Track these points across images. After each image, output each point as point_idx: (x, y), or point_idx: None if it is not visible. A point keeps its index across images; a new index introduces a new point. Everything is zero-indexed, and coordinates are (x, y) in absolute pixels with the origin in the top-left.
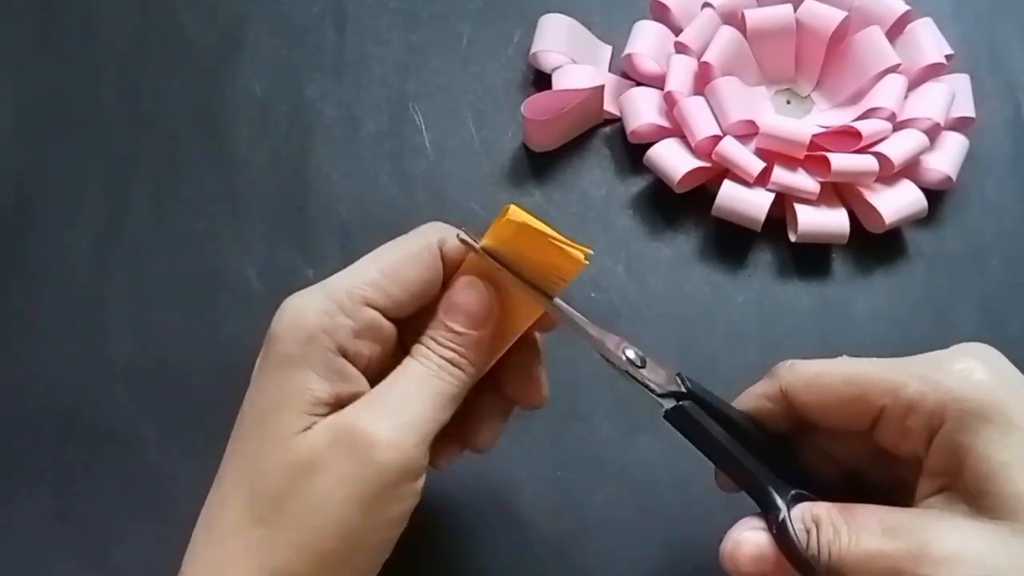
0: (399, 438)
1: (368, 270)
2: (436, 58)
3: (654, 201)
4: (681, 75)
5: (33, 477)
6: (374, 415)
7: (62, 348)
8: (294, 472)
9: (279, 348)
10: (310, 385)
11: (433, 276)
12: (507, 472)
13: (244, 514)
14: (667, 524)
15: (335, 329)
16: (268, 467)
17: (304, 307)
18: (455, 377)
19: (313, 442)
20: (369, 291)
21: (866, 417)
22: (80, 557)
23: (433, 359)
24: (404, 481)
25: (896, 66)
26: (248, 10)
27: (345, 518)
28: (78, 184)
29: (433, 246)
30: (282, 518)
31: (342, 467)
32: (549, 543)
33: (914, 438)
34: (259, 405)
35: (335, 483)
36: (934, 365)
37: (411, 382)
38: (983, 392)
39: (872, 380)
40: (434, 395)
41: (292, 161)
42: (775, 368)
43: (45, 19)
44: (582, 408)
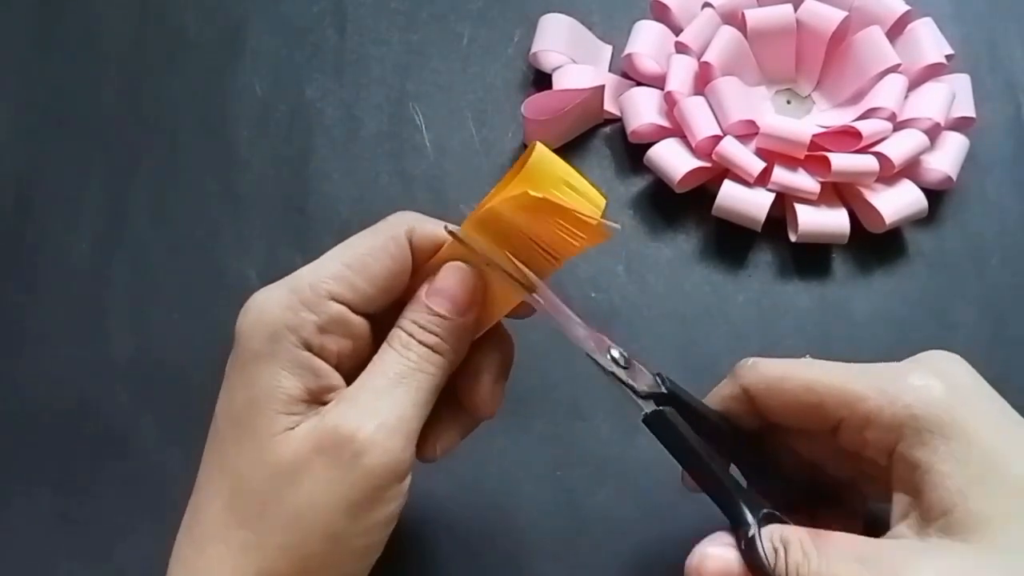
0: (385, 440)
1: (333, 263)
2: (436, 58)
3: (654, 201)
4: (681, 75)
5: (33, 477)
6: (358, 417)
7: (62, 348)
8: (277, 475)
9: (244, 345)
10: (280, 383)
11: (400, 268)
12: (507, 472)
13: (225, 517)
14: (667, 524)
15: (299, 325)
16: (249, 470)
17: (267, 303)
18: (436, 367)
19: (296, 445)
20: (333, 285)
21: (826, 424)
22: (80, 557)
23: (414, 348)
24: (391, 483)
25: (896, 66)
26: (248, 10)
27: (331, 522)
28: (78, 184)
29: (400, 237)
30: (265, 521)
31: (328, 472)
32: (549, 543)
33: (872, 449)
34: (233, 406)
35: (321, 488)
36: (894, 377)
37: (393, 378)
38: (941, 409)
39: (831, 390)
40: (417, 390)
41: (292, 161)
42: (736, 367)
43: (45, 19)
44: (582, 408)
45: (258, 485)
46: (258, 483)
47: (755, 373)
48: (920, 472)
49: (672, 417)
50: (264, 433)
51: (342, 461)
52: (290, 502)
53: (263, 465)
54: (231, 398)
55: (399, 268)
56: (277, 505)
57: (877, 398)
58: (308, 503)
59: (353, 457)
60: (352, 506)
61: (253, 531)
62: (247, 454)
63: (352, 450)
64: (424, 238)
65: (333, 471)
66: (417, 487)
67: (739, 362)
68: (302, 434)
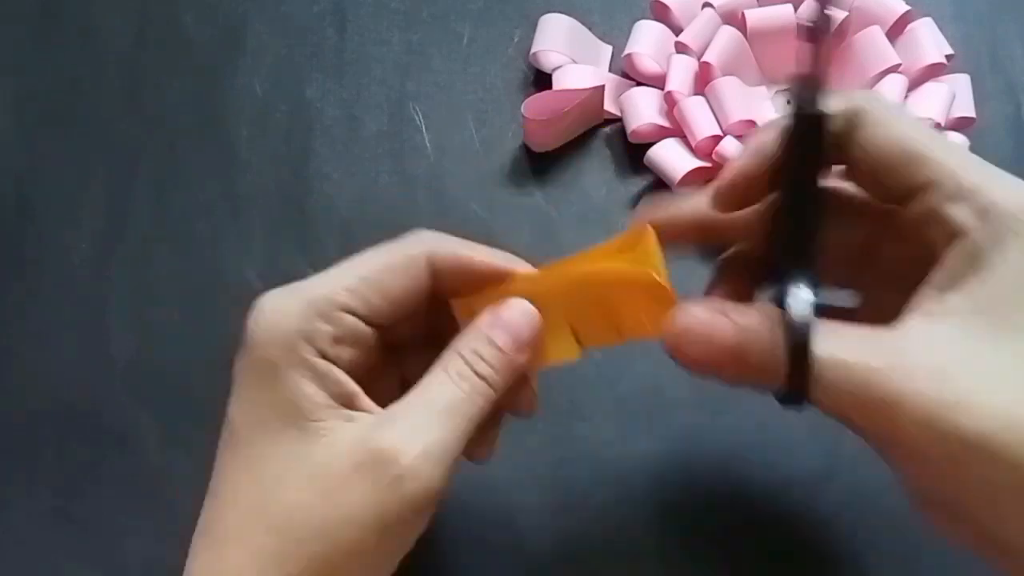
0: (428, 468)
1: (349, 276)
2: (436, 58)
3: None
4: (681, 75)
5: (33, 477)
6: (404, 441)
7: (62, 348)
8: (313, 486)
9: (261, 354)
10: (304, 390)
11: (417, 287)
12: (507, 472)
13: (250, 521)
14: (667, 525)
15: (315, 335)
16: (280, 477)
17: (282, 311)
18: (485, 400)
19: (335, 458)
20: (348, 298)
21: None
22: (80, 557)
23: (469, 378)
24: (426, 509)
25: (896, 66)
26: (248, 10)
27: (361, 539)
28: (78, 184)
29: (419, 258)
30: (295, 530)
31: (367, 492)
32: (549, 543)
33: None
34: (255, 412)
35: (359, 506)
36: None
37: (445, 406)
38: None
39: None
40: (465, 420)
41: (292, 161)
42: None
43: (45, 19)
44: (582, 408)
45: (290, 493)
46: (290, 491)
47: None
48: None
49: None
50: (297, 441)
51: (383, 482)
52: (323, 513)
53: (297, 474)
54: (251, 403)
55: (414, 286)
56: (310, 515)
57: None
58: (341, 517)
59: (395, 480)
60: (385, 527)
61: (280, 538)
62: (278, 460)
63: (395, 473)
64: (444, 260)
65: (371, 489)
66: None
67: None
68: (344, 447)
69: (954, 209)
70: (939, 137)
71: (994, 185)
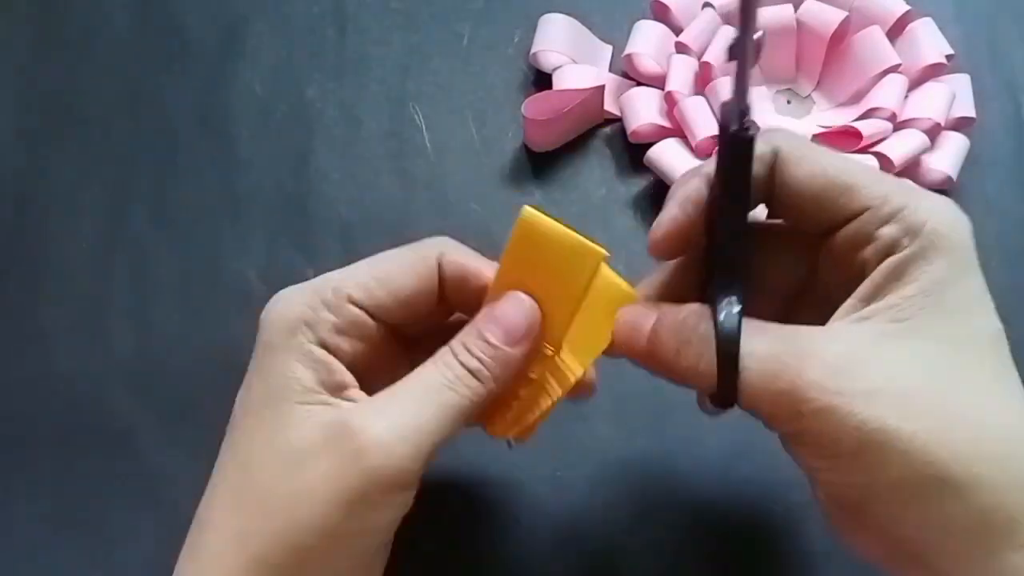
0: (391, 445)
1: (360, 271)
2: (436, 58)
3: (654, 201)
4: (682, 75)
5: (33, 477)
6: (372, 416)
7: (62, 348)
8: (283, 463)
9: (266, 338)
10: (294, 373)
11: (424, 287)
12: (507, 472)
13: (230, 502)
14: (667, 525)
15: (317, 323)
16: (258, 456)
17: (290, 300)
18: (472, 391)
19: (306, 435)
20: (355, 290)
21: (845, 210)
22: (80, 557)
23: (454, 367)
24: (391, 489)
25: (896, 66)
26: (248, 10)
27: (325, 516)
28: (78, 184)
29: (430, 259)
30: (265, 508)
31: (328, 464)
32: (549, 543)
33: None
34: (249, 396)
35: (320, 479)
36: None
37: (422, 389)
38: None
39: (868, 179)
40: (443, 406)
41: (292, 161)
42: (772, 130)
43: (45, 19)
44: (582, 408)
45: (265, 471)
46: (266, 469)
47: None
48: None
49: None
50: (277, 421)
51: (343, 456)
52: (289, 489)
53: (272, 453)
54: (249, 387)
55: (423, 287)
56: (278, 492)
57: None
58: (305, 490)
59: (354, 453)
60: (347, 502)
61: (251, 517)
62: (259, 441)
63: (355, 446)
64: (452, 263)
65: (333, 464)
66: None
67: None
68: (314, 421)
69: (886, 230)
70: (863, 165)
71: (922, 206)
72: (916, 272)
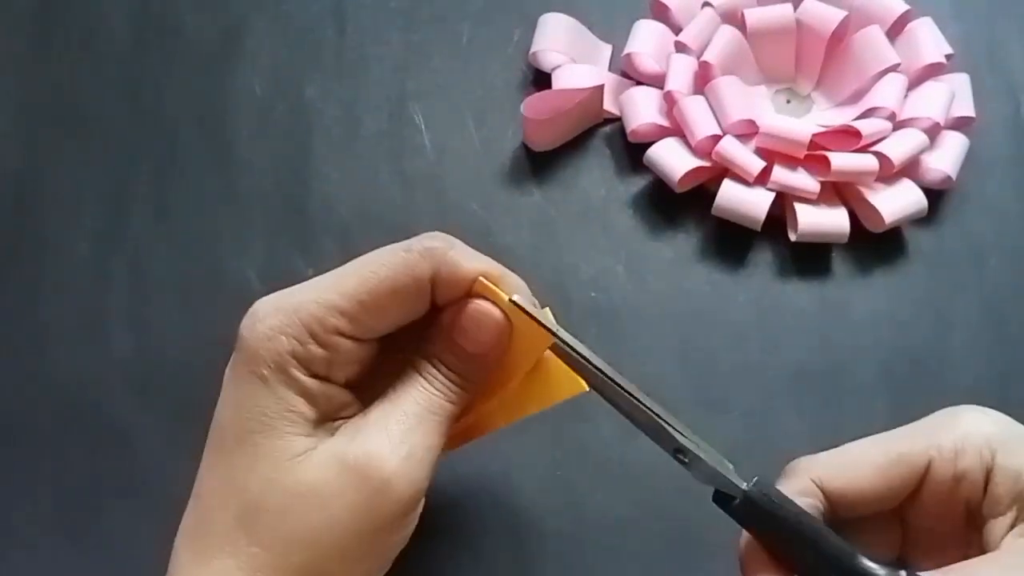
0: (411, 471)
1: (347, 298)
2: (436, 58)
3: (654, 201)
4: (681, 74)
5: (33, 477)
6: (386, 447)
7: (62, 348)
8: (297, 497)
9: (253, 369)
10: (295, 406)
11: (417, 307)
12: (507, 472)
13: (234, 531)
14: (667, 524)
15: (310, 359)
16: (263, 488)
17: (277, 328)
18: (459, 398)
19: (318, 469)
20: (343, 323)
21: (909, 482)
22: (80, 556)
23: (442, 381)
24: (411, 510)
25: (896, 65)
26: (248, 10)
27: (351, 545)
28: (78, 184)
29: (422, 280)
30: (281, 541)
31: (352, 498)
32: (549, 543)
33: (969, 482)
34: (242, 421)
35: (345, 513)
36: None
37: (421, 409)
38: (1011, 424)
39: (904, 444)
40: (440, 420)
41: (292, 161)
42: (792, 466)
43: (45, 19)
44: (582, 408)
45: (274, 504)
46: (274, 502)
47: (818, 462)
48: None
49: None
50: (280, 454)
51: (370, 489)
52: (309, 522)
53: (280, 485)
54: (239, 414)
55: (416, 308)
56: (297, 525)
57: (956, 433)
58: (329, 525)
59: (381, 485)
60: (375, 531)
61: (266, 549)
62: (261, 472)
63: (380, 479)
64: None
65: (360, 497)
66: None
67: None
68: (326, 457)
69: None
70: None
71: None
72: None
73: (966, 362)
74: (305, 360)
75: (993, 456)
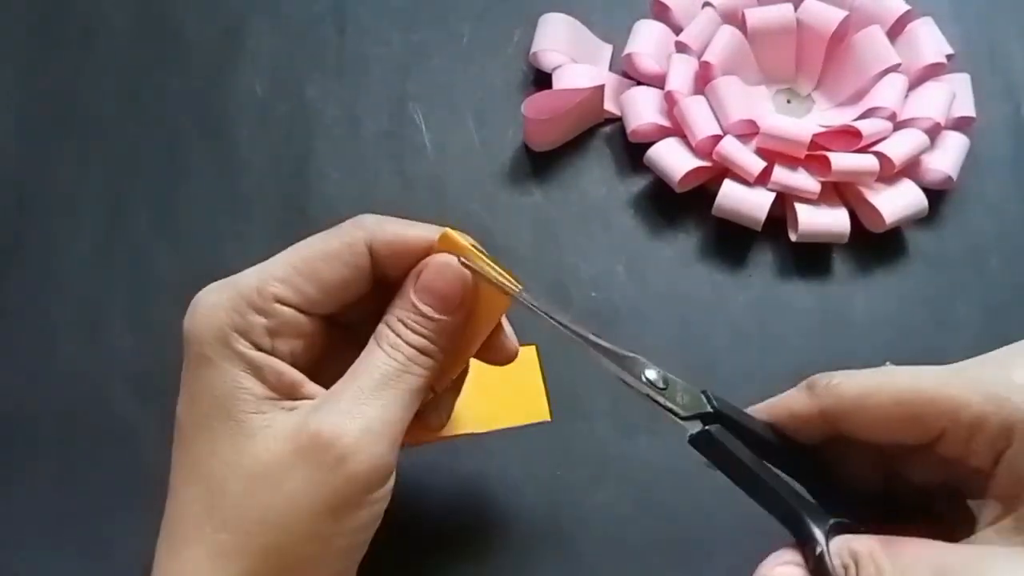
0: (369, 446)
1: (281, 266)
2: (436, 58)
3: (654, 201)
4: (681, 74)
5: (33, 477)
6: (342, 421)
7: (62, 348)
8: (256, 477)
9: (197, 350)
10: (242, 383)
11: (355, 275)
12: (507, 472)
13: (202, 520)
14: (667, 524)
15: (249, 328)
16: (224, 472)
17: (214, 306)
18: (425, 367)
19: (276, 447)
20: (280, 288)
21: (922, 438)
22: (80, 557)
23: (403, 349)
24: (375, 487)
25: (896, 66)
26: (248, 10)
27: (314, 524)
28: (78, 184)
29: (357, 244)
30: (245, 524)
31: (310, 475)
32: (549, 543)
33: (979, 458)
34: (197, 409)
35: (304, 491)
36: (995, 376)
37: (379, 379)
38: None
39: (927, 400)
40: (404, 392)
41: (292, 161)
42: (811, 383)
43: (45, 19)
44: (582, 408)
45: (235, 487)
46: (235, 485)
47: (834, 394)
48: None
49: (720, 435)
50: (237, 435)
51: (325, 465)
52: (271, 504)
53: (240, 467)
54: (192, 401)
55: (353, 275)
56: (257, 507)
57: (982, 403)
58: (290, 506)
59: (337, 462)
60: (335, 509)
61: (232, 534)
62: (221, 456)
63: (335, 455)
64: (386, 244)
65: (316, 474)
66: (417, 485)
67: (811, 379)
68: (281, 435)
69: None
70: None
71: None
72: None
73: None
74: (245, 331)
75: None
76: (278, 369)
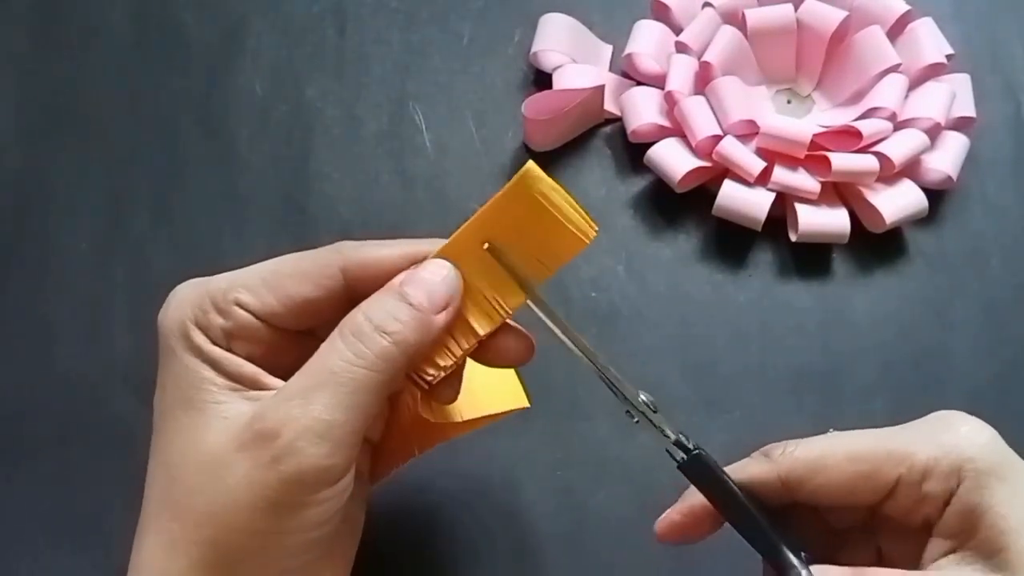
0: (307, 447)
1: (254, 274)
2: (436, 58)
3: (654, 201)
4: (682, 75)
5: (32, 477)
6: (281, 419)
7: (62, 348)
8: (202, 468)
9: (164, 342)
10: (203, 374)
11: (323, 295)
12: (507, 472)
13: (159, 508)
14: None
15: (208, 325)
16: (179, 460)
17: (182, 301)
18: (387, 362)
19: (221, 439)
20: (244, 295)
21: (879, 492)
22: (80, 557)
23: (366, 338)
24: (315, 489)
25: (897, 66)
26: (248, 10)
27: (253, 520)
28: (78, 184)
29: (331, 267)
30: (193, 515)
31: (248, 472)
32: (549, 543)
33: (930, 504)
34: (164, 399)
35: (241, 485)
36: (937, 427)
37: (328, 375)
38: (993, 452)
39: (882, 452)
40: (355, 391)
41: (292, 161)
42: (767, 450)
43: (45, 19)
44: (582, 408)
45: (187, 477)
46: (187, 475)
47: (791, 458)
48: (976, 514)
49: (709, 460)
50: (196, 424)
51: (261, 462)
52: (212, 497)
53: (191, 458)
54: (162, 390)
55: (321, 295)
56: (202, 498)
57: (933, 449)
58: (229, 500)
59: (272, 461)
60: (273, 507)
61: (181, 523)
62: (179, 445)
63: (271, 454)
64: (360, 266)
65: (253, 471)
66: (417, 486)
67: (767, 447)
68: (226, 428)
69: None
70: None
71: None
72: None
73: (966, 362)
74: (204, 326)
75: (958, 485)
76: (236, 362)
